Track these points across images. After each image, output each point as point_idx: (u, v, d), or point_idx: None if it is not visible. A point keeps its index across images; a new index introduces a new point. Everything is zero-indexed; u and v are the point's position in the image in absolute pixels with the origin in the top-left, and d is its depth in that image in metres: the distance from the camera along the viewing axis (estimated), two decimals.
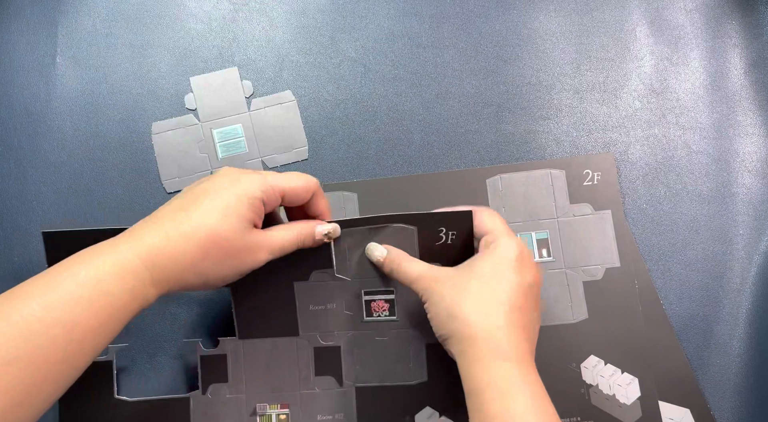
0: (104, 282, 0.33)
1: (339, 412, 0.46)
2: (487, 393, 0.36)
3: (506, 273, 0.39)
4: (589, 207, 0.51)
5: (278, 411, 0.46)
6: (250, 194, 0.38)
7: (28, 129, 0.52)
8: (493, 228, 0.42)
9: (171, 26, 0.54)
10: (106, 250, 0.34)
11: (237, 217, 0.37)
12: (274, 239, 0.39)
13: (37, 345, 0.30)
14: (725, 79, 0.54)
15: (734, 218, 0.51)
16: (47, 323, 0.31)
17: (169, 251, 0.35)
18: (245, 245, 0.38)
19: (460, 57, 0.54)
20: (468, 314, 0.38)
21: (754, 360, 0.49)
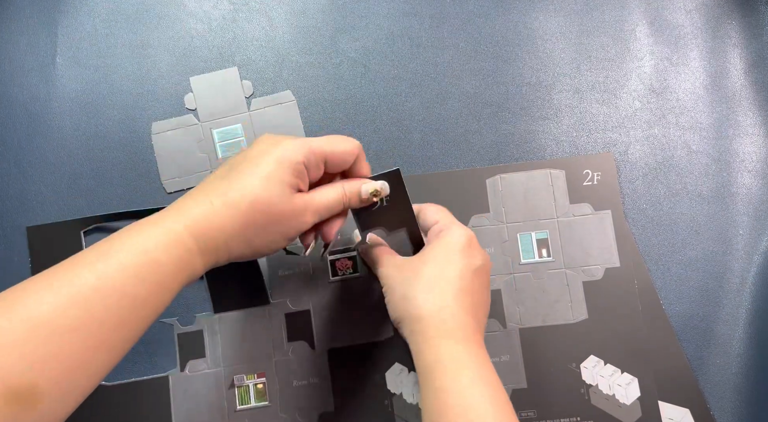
0: (153, 252, 0.33)
1: (314, 376, 0.47)
2: (435, 370, 0.37)
3: (455, 257, 0.40)
4: (589, 207, 0.51)
5: (255, 380, 0.47)
6: (291, 158, 0.37)
7: (28, 129, 0.52)
8: (440, 219, 0.43)
9: (171, 26, 0.54)
10: (155, 222, 0.35)
11: (279, 182, 0.36)
12: (319, 201, 0.39)
13: (93, 313, 0.31)
14: (725, 79, 0.54)
15: (734, 218, 0.51)
16: (101, 291, 0.31)
17: (214, 221, 0.35)
18: (290, 210, 0.37)
19: (460, 57, 0.54)
20: (417, 295, 0.39)
21: (754, 360, 0.49)
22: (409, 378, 0.47)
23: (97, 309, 0.31)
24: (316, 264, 0.48)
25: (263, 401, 0.47)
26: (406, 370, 0.47)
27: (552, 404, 0.48)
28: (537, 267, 0.50)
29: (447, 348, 0.37)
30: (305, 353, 0.47)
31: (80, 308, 0.30)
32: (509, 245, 0.50)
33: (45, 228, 0.50)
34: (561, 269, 0.50)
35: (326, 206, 0.39)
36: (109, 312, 0.31)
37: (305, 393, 0.47)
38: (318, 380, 0.47)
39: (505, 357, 0.49)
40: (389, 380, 0.47)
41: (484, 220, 0.50)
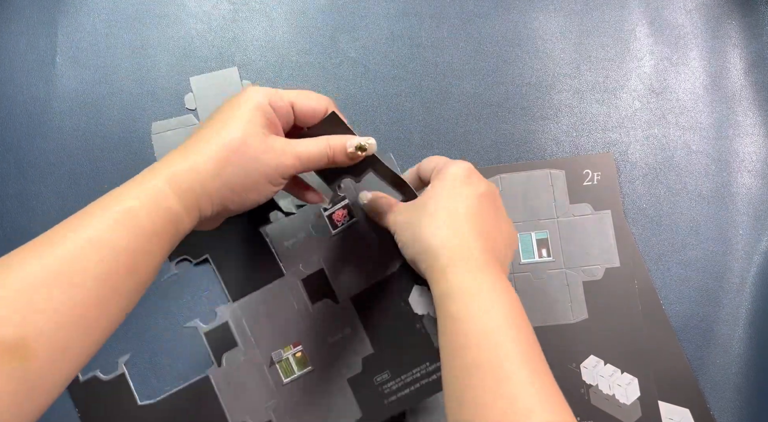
0: (130, 204, 0.34)
1: (346, 327, 0.48)
2: (447, 299, 0.36)
3: (457, 188, 0.40)
4: (589, 207, 0.51)
5: (293, 351, 0.47)
6: (255, 99, 0.37)
7: (28, 129, 0.52)
8: (437, 161, 0.43)
9: (171, 26, 0.54)
10: (134, 181, 0.36)
11: (248, 122, 0.37)
12: (301, 148, 0.38)
13: (83, 268, 0.31)
14: (725, 79, 0.54)
15: (734, 218, 0.51)
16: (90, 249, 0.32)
17: (189, 167, 0.35)
18: (267, 147, 0.37)
19: (460, 57, 0.54)
20: (424, 230, 0.39)
21: (754, 360, 0.49)
22: (430, 295, 0.47)
23: (87, 264, 0.31)
24: (314, 224, 0.49)
25: (306, 367, 0.47)
26: (425, 288, 0.47)
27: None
28: (537, 267, 0.50)
29: (458, 276, 0.37)
30: (331, 309, 0.48)
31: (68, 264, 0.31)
32: None
33: None
34: (561, 269, 0.50)
35: (308, 154, 0.39)
36: (99, 266, 0.32)
37: (343, 345, 0.47)
38: (350, 329, 0.47)
39: None
40: (413, 303, 0.47)
41: None
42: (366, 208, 0.46)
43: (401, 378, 0.46)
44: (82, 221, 0.33)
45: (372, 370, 0.47)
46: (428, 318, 0.47)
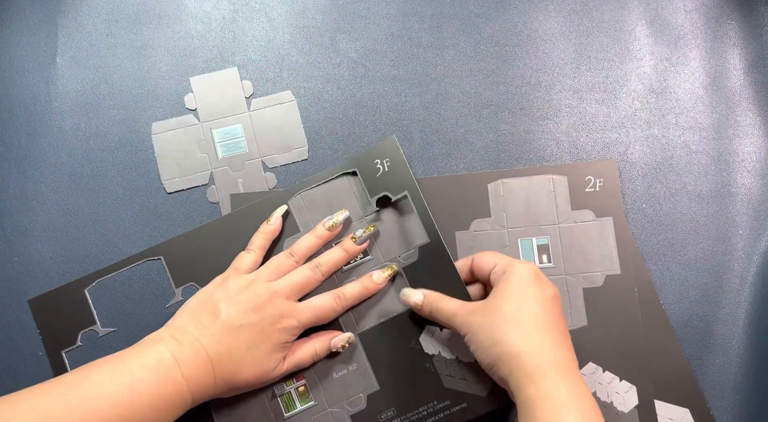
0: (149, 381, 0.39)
1: (351, 363, 0.47)
2: (536, 405, 0.37)
3: (530, 291, 0.41)
4: (591, 214, 0.50)
5: (295, 384, 0.47)
6: (284, 344, 0.44)
7: (28, 129, 0.52)
8: (497, 260, 0.44)
9: (171, 26, 0.54)
10: (169, 380, 0.40)
11: (273, 369, 0.44)
12: (294, 362, 0.45)
13: None
14: (725, 79, 0.54)
15: (734, 218, 0.51)
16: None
17: (211, 392, 0.42)
18: (272, 378, 0.45)
19: (460, 57, 0.54)
20: (507, 335, 0.39)
21: (754, 360, 0.49)
22: (443, 335, 0.47)
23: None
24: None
25: (309, 402, 0.46)
26: (438, 329, 0.47)
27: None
28: None
29: (546, 384, 0.37)
30: None
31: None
32: (510, 250, 0.50)
33: (47, 296, 0.49)
34: (561, 275, 0.50)
35: (297, 365, 0.45)
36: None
37: (347, 381, 0.47)
38: (356, 365, 0.47)
39: None
40: (424, 344, 0.47)
41: (485, 225, 0.50)
42: (416, 307, 0.46)
43: (407, 415, 0.46)
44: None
45: (377, 407, 0.46)
46: (439, 357, 0.46)
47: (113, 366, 0.39)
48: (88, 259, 0.50)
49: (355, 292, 0.47)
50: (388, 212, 0.49)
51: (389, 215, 0.49)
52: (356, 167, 0.49)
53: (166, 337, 0.41)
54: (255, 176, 0.52)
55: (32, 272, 0.50)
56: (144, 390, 0.38)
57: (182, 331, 0.42)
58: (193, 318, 0.43)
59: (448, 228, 0.50)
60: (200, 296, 0.44)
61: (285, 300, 0.44)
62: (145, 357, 0.39)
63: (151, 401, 0.38)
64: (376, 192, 0.48)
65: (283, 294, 0.44)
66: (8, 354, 0.49)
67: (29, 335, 0.49)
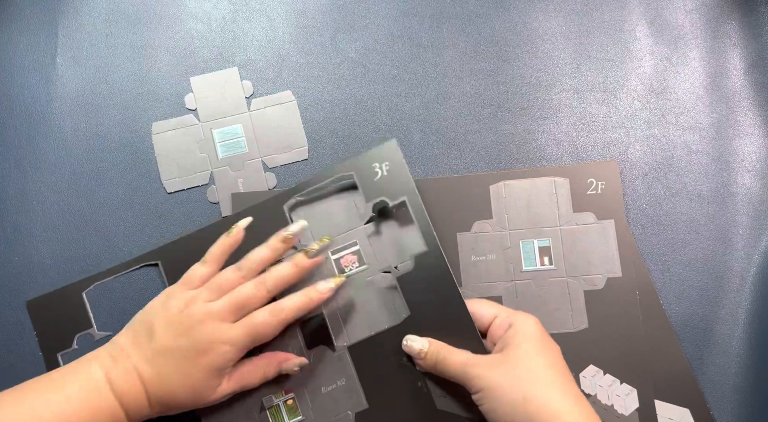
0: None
1: (340, 378, 0.46)
2: None
3: (546, 346, 0.41)
4: (592, 216, 0.50)
5: (284, 397, 0.46)
6: (224, 367, 0.42)
7: (28, 129, 0.52)
8: (497, 312, 0.43)
9: (171, 26, 0.54)
10: (89, 397, 0.39)
11: (209, 388, 0.41)
12: (241, 383, 0.43)
13: None
14: (725, 79, 0.54)
15: (734, 218, 0.51)
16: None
17: (146, 410, 0.41)
18: (213, 399, 0.42)
19: (460, 57, 0.54)
20: (541, 392, 0.38)
21: (754, 360, 0.49)
22: None
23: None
24: (318, 269, 0.47)
25: (296, 416, 0.45)
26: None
27: None
28: (538, 275, 0.50)
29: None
30: (327, 357, 0.46)
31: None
32: (511, 252, 0.50)
33: (45, 298, 0.48)
34: (562, 278, 0.50)
35: (243, 386, 0.43)
36: None
37: (336, 396, 0.45)
38: (345, 380, 0.46)
39: None
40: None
41: (487, 226, 0.50)
42: (420, 356, 0.44)
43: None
44: None
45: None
46: (432, 377, 0.45)
47: (47, 384, 0.39)
48: (87, 259, 0.50)
49: (296, 304, 0.42)
50: (385, 218, 0.48)
51: (385, 222, 0.48)
52: (353, 170, 0.47)
53: (102, 355, 0.41)
54: (255, 176, 0.52)
55: (32, 272, 0.50)
56: (74, 408, 0.38)
57: (120, 350, 0.41)
58: (133, 337, 0.41)
59: (449, 230, 0.50)
60: (143, 312, 0.43)
61: (219, 323, 0.41)
62: (78, 376, 0.40)
63: (80, 419, 0.38)
64: (372, 197, 0.47)
65: (218, 316, 0.41)
66: (8, 353, 0.49)
67: (29, 335, 0.49)
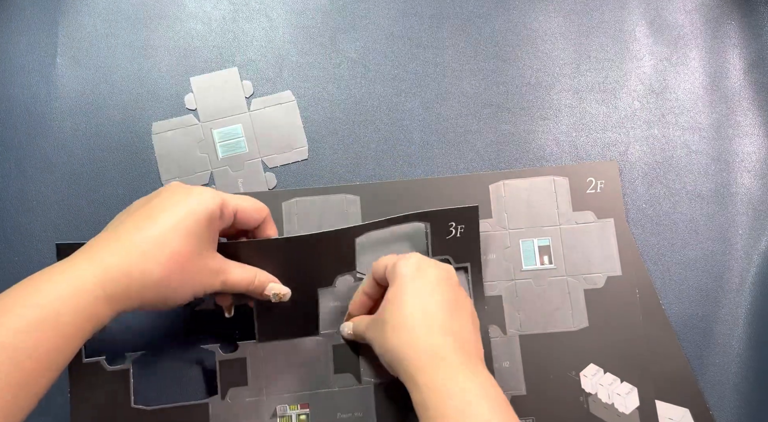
0: (54, 304, 0.33)
1: (358, 410, 0.45)
2: (422, 407, 0.36)
3: (411, 285, 0.39)
4: (592, 215, 0.50)
5: (298, 411, 0.45)
6: (207, 209, 0.37)
7: (28, 129, 0.52)
8: (387, 261, 0.42)
9: (171, 26, 0.54)
10: (63, 269, 0.34)
11: (197, 237, 0.37)
12: (229, 273, 0.40)
13: (5, 372, 0.30)
14: (725, 79, 0.54)
15: (734, 218, 0.51)
16: (14, 350, 0.31)
17: (130, 272, 0.35)
18: (204, 268, 0.38)
19: (460, 57, 0.54)
20: (390, 339, 0.38)
21: (754, 360, 0.49)
22: None
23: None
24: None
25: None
26: None
27: (551, 411, 0.47)
28: (538, 274, 0.50)
29: (430, 382, 0.36)
30: (351, 386, 0.46)
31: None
32: (511, 251, 0.50)
33: (77, 246, 0.47)
34: (562, 277, 0.50)
35: (236, 283, 0.40)
36: (10, 373, 0.31)
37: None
38: (362, 414, 0.45)
39: (505, 364, 0.48)
40: None
41: (487, 226, 0.50)
42: (351, 337, 0.45)
43: None
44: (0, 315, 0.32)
45: None
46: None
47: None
48: None
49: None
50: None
51: None
52: (429, 221, 0.46)
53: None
54: (255, 176, 0.52)
55: (32, 272, 0.50)
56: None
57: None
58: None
59: None
60: None
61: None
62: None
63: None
64: (439, 253, 0.47)
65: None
66: None
67: None
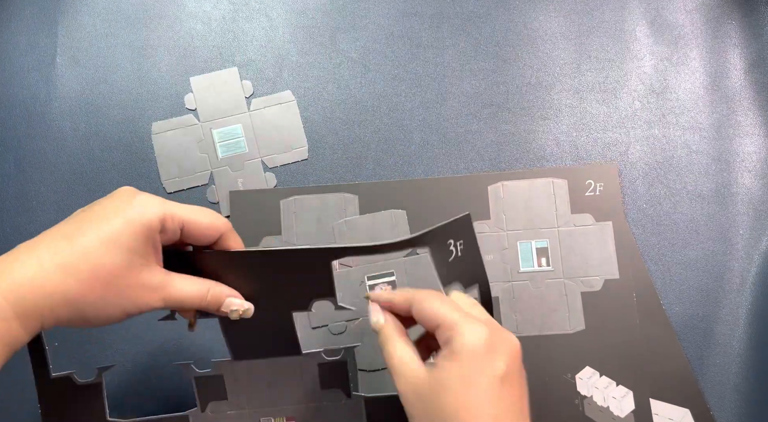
0: None
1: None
2: None
3: (474, 375, 0.33)
4: (591, 218, 0.50)
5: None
6: (144, 220, 0.33)
7: (28, 129, 0.52)
8: (442, 320, 0.34)
9: (171, 26, 0.54)
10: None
11: (126, 249, 0.32)
12: (172, 288, 0.34)
13: None
14: (725, 79, 0.53)
15: (734, 218, 0.51)
16: None
17: (41, 285, 0.30)
18: (137, 284, 0.33)
19: (460, 57, 0.54)
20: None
21: (754, 360, 0.49)
22: None
23: None
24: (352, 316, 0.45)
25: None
26: None
27: (546, 414, 0.47)
28: (536, 276, 0.50)
29: None
30: (340, 400, 0.44)
31: None
32: (509, 252, 0.50)
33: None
34: (560, 279, 0.50)
35: (179, 299, 0.35)
36: None
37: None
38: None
39: None
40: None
41: (485, 227, 0.50)
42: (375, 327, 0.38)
43: None
44: None
45: None
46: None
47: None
48: None
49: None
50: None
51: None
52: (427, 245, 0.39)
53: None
54: (255, 176, 0.52)
55: None
56: None
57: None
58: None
59: None
60: None
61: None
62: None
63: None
64: (447, 282, 0.40)
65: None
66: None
67: None
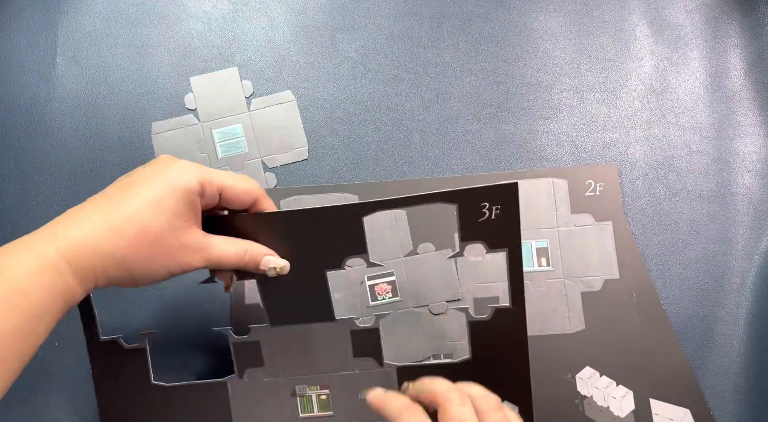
0: (20, 280, 0.31)
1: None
2: None
3: None
4: (590, 218, 0.50)
5: (318, 391, 0.45)
6: (185, 184, 0.35)
7: (28, 129, 0.52)
8: (437, 395, 0.34)
9: (171, 26, 0.54)
10: (23, 245, 0.32)
11: (169, 211, 0.34)
12: (212, 248, 0.37)
13: None
14: (725, 79, 0.53)
15: (734, 218, 0.51)
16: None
17: (94, 245, 0.33)
18: (180, 244, 0.35)
19: (460, 57, 0.54)
20: None
21: (754, 360, 0.49)
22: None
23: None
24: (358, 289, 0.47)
25: (327, 411, 0.45)
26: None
27: (546, 414, 0.47)
28: (536, 276, 0.50)
29: None
30: (373, 368, 0.45)
31: None
32: None
33: None
34: (560, 279, 0.50)
35: (218, 258, 0.37)
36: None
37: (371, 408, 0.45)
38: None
39: None
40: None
41: None
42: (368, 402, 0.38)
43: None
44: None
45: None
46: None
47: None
48: None
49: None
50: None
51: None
52: (457, 201, 0.40)
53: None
54: (255, 176, 0.52)
55: None
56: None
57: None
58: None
59: None
60: None
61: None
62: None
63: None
64: (469, 238, 0.41)
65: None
66: None
67: None
